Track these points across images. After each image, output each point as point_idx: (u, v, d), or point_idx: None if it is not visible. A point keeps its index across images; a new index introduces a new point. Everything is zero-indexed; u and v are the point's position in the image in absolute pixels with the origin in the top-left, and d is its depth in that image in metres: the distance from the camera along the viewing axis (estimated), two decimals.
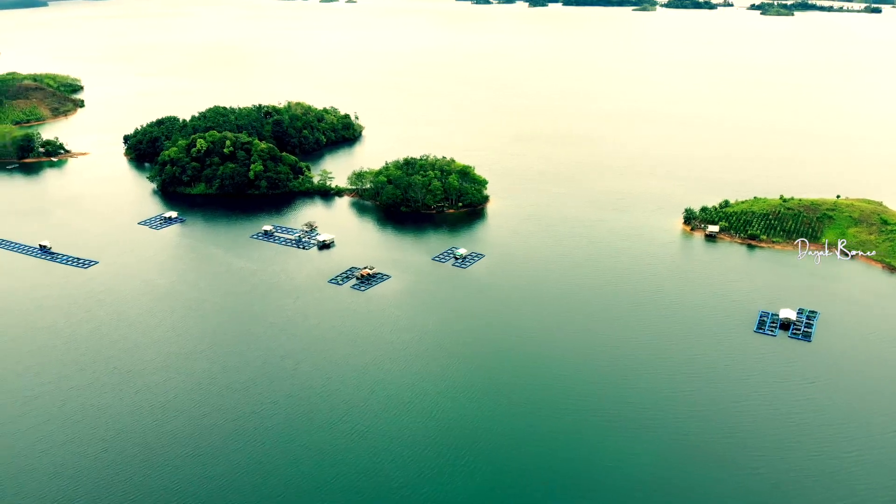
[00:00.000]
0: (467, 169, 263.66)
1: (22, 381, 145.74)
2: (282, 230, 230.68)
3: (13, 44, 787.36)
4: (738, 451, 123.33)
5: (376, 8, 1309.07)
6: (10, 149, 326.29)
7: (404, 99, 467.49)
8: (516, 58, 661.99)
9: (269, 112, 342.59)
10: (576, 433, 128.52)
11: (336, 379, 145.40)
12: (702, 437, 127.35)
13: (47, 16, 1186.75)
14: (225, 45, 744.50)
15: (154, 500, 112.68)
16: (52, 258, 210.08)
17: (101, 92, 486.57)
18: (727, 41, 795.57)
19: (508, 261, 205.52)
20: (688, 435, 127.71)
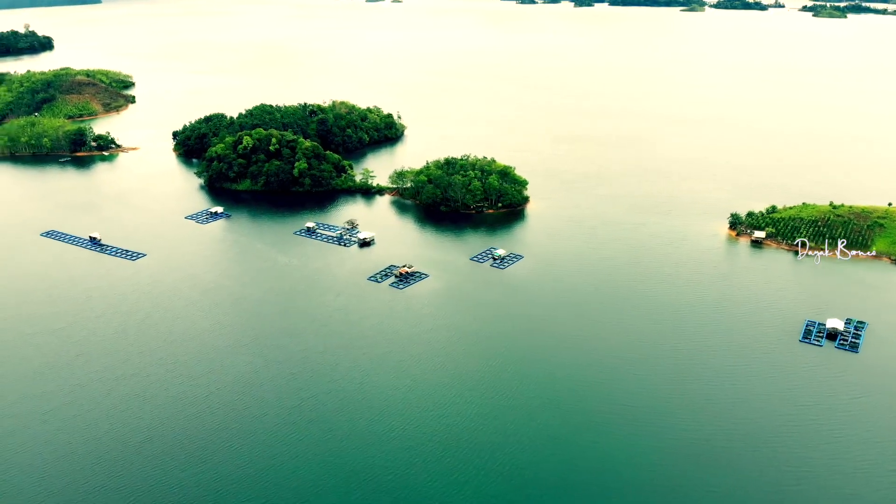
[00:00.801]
0: (508, 169, 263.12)
1: (71, 369, 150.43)
2: (324, 227, 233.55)
3: (68, 39, 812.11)
4: (778, 467, 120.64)
5: (421, 8, 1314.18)
6: (63, 142, 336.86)
7: (448, 99, 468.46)
8: (562, 58, 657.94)
9: (314, 111, 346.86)
10: (611, 439, 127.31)
11: (374, 376, 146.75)
12: (742, 450, 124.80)
13: (101, 13, 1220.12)
14: (273, 44, 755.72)
15: (194, 490, 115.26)
16: (101, 250, 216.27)
17: (152, 88, 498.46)
18: (778, 43, 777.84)
19: (547, 262, 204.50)
20: (727, 448, 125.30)
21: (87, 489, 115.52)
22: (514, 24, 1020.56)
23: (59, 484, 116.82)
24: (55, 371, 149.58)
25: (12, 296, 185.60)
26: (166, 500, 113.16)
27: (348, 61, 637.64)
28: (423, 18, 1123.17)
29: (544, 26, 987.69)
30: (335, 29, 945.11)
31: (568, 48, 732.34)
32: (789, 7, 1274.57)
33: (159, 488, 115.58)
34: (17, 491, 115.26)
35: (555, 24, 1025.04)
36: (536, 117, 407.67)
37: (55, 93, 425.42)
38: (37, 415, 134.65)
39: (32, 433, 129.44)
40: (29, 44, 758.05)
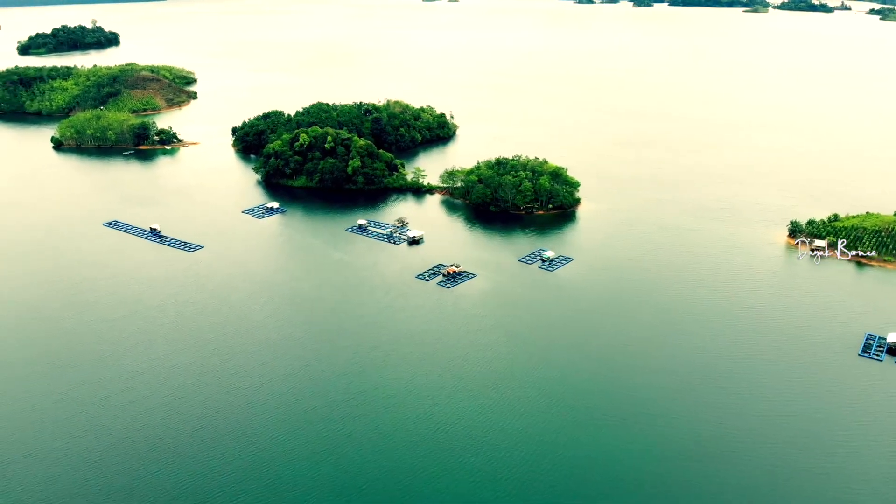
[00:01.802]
0: (560, 170, 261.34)
1: (130, 356, 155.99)
2: (375, 225, 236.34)
3: (133, 35, 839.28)
4: (834, 486, 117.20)
5: (477, 7, 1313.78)
6: (127, 136, 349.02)
7: (502, 98, 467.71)
8: (620, 59, 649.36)
9: (369, 110, 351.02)
10: (659, 452, 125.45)
11: (421, 374, 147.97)
12: (796, 467, 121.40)
13: (166, 10, 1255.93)
14: (332, 43, 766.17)
15: (245, 479, 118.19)
16: (161, 241, 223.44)
17: (213, 85, 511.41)
18: (843, 47, 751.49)
19: (597, 266, 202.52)
20: (781, 465, 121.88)
21: (141, 474, 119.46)
22: (572, 24, 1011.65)
23: (115, 468, 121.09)
24: (114, 358, 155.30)
25: (75, 283, 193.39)
26: (217, 487, 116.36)
27: (404, 61, 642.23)
28: (479, 18, 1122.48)
29: (602, 27, 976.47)
30: (392, 28, 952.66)
31: (626, 49, 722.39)
32: (856, 10, 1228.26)
33: (211, 475, 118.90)
34: (75, 473, 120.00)
35: (613, 24, 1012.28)
36: (592, 119, 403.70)
37: (120, 87, 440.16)
38: (95, 400, 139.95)
39: (91, 418, 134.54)
40: (96, 39, 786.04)
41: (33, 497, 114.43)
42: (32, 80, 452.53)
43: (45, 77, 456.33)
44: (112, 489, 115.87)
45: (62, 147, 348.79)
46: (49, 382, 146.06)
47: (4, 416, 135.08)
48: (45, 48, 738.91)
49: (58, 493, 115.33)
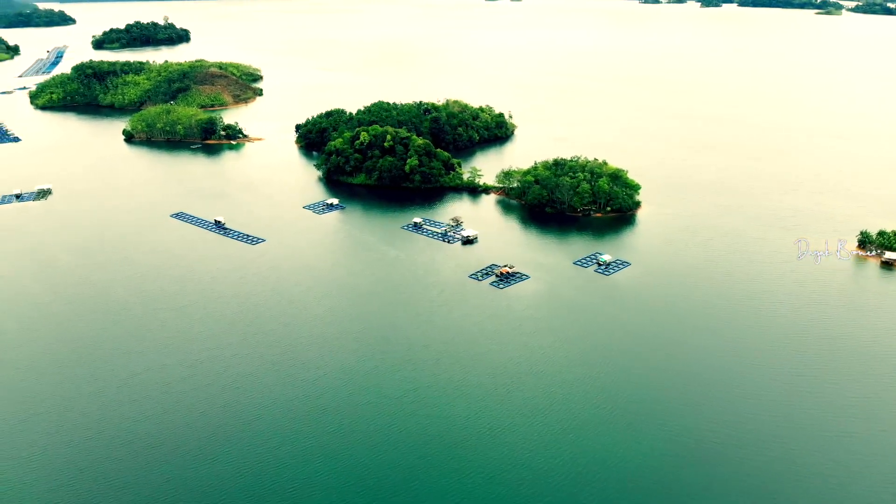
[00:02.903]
0: (620, 172, 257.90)
1: (192, 345, 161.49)
2: (430, 223, 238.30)
3: (203, 32, 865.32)
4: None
5: (540, 7, 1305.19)
6: (195, 130, 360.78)
7: (563, 99, 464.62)
8: (687, 60, 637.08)
9: (429, 109, 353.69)
10: (719, 467, 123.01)
11: (474, 374, 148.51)
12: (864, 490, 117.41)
13: (235, 8, 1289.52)
14: (395, 43, 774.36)
15: (297, 469, 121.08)
16: (224, 233, 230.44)
17: (279, 82, 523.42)
18: None
19: (656, 272, 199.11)
20: (848, 484, 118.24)
21: (201, 459, 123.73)
22: (637, 25, 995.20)
23: (175, 452, 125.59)
24: (177, 346, 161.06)
25: (143, 272, 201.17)
26: (273, 477, 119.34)
27: (465, 60, 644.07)
28: (542, 17, 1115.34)
29: (669, 27, 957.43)
30: (454, 28, 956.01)
31: (694, 50, 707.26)
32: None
33: (268, 462, 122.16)
34: (136, 457, 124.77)
35: (680, 24, 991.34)
36: (656, 121, 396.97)
37: (190, 83, 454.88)
38: (158, 386, 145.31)
39: (154, 403, 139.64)
40: (167, 35, 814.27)
41: (97, 478, 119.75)
42: (106, 74, 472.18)
43: (118, 71, 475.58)
44: (171, 476, 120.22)
45: (133, 140, 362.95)
46: (115, 367, 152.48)
47: (72, 398, 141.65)
48: (118, 43, 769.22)
49: (118, 475, 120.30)
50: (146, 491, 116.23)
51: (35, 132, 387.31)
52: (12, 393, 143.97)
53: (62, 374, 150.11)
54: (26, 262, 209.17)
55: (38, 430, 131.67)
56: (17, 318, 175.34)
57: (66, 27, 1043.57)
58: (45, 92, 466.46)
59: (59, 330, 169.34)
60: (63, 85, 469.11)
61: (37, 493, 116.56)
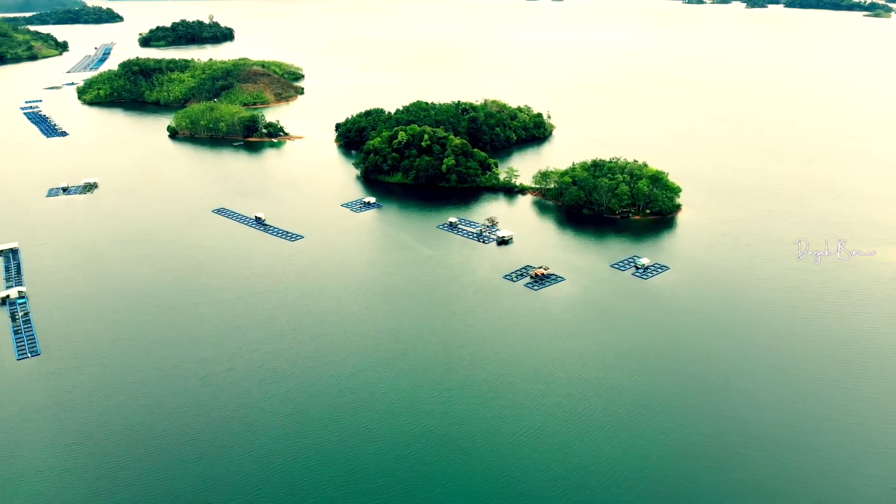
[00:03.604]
0: (660, 175, 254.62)
1: (231, 339, 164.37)
2: (465, 223, 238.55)
3: (247, 31, 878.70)
4: None
5: (581, 6, 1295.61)
6: (237, 128, 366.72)
7: (603, 100, 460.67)
8: (732, 62, 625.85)
9: (466, 109, 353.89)
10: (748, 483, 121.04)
11: (508, 376, 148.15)
12: None
13: (278, 7, 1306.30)
14: (435, 43, 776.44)
15: (334, 468, 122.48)
16: (264, 229, 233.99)
17: (320, 81, 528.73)
18: None
19: (696, 277, 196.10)
20: None
21: (237, 453, 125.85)
22: (681, 25, 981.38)
23: (211, 446, 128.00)
24: (216, 339, 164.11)
25: (185, 266, 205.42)
26: (308, 472, 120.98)
27: (505, 60, 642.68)
28: (583, 17, 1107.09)
29: (713, 28, 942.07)
30: (495, 27, 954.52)
31: (739, 52, 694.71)
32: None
33: (303, 457, 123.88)
34: (171, 449, 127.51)
35: (724, 25, 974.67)
36: (699, 124, 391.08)
37: (233, 81, 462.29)
38: (196, 378, 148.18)
39: (191, 395, 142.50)
40: (212, 34, 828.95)
41: (136, 469, 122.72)
42: (152, 71, 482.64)
43: (163, 69, 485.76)
44: (206, 469, 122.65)
45: (177, 136, 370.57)
46: (155, 359, 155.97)
47: (115, 389, 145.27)
48: (164, 41, 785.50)
49: (157, 467, 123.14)
50: (183, 483, 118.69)
51: (82, 127, 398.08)
52: (56, 382, 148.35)
53: (105, 365, 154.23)
54: (72, 254, 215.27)
55: (81, 419, 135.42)
56: (63, 309, 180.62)
57: (113, 24, 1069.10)
58: (92, 88, 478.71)
59: (103, 321, 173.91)
60: (110, 81, 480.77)
61: (78, 480, 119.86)
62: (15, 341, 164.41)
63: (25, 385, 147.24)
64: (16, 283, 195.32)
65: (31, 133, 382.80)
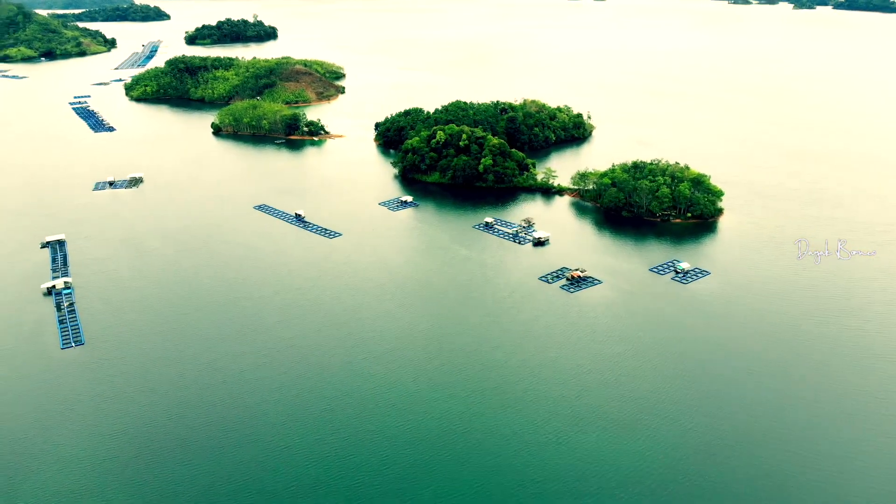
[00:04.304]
0: (702, 178, 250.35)
1: (268, 334, 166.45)
2: (501, 223, 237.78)
3: (290, 30, 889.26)
4: None
5: (624, 7, 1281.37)
6: (279, 126, 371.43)
7: (646, 101, 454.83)
8: (779, 64, 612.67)
9: (505, 108, 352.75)
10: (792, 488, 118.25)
11: (543, 380, 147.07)
12: None
13: (321, 7, 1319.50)
14: (475, 42, 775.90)
15: (367, 461, 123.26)
16: (304, 226, 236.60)
17: (361, 80, 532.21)
18: None
19: (737, 283, 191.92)
20: None
21: (273, 447, 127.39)
22: (726, 26, 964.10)
23: (247, 439, 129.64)
24: (255, 334, 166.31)
25: (226, 261, 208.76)
26: (342, 468, 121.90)
27: (546, 60, 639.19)
28: (627, 17, 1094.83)
29: (759, 29, 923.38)
30: (536, 27, 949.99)
31: (785, 54, 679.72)
32: None
33: (335, 453, 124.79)
34: (208, 441, 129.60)
35: (771, 27, 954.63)
36: (744, 126, 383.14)
37: (276, 79, 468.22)
38: (233, 373, 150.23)
39: (229, 389, 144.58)
40: (256, 32, 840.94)
41: (174, 459, 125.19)
42: (197, 68, 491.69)
43: (208, 66, 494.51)
44: (245, 462, 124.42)
45: (220, 133, 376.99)
46: (195, 352, 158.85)
47: (156, 380, 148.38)
48: (210, 39, 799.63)
49: (195, 458, 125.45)
50: (218, 475, 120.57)
51: (129, 123, 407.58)
52: (99, 372, 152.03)
53: (146, 356, 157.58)
54: (117, 247, 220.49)
55: (121, 409, 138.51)
56: (107, 300, 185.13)
57: (160, 22, 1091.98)
58: (139, 84, 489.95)
59: (145, 313, 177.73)
60: (157, 78, 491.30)
61: (117, 469, 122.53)
62: (60, 331, 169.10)
63: (69, 374, 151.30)
64: (62, 273, 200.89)
65: (80, 128, 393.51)
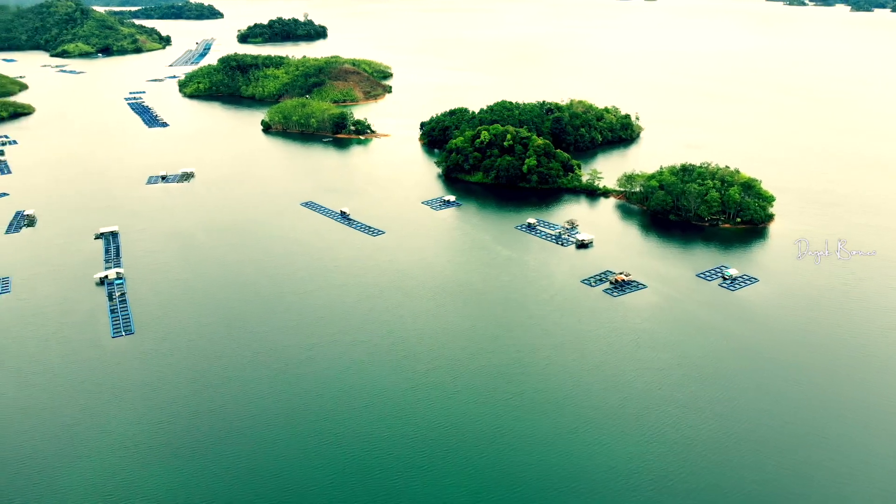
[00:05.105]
0: (753, 182, 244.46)
1: (313, 329, 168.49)
2: (544, 224, 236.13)
3: (340, 29, 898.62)
4: None
5: (676, 7, 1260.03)
6: (327, 124, 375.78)
7: (697, 103, 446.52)
8: (837, 67, 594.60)
9: (551, 109, 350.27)
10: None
11: (584, 386, 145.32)
12: None
13: (371, 6, 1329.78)
14: (523, 42, 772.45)
15: (408, 460, 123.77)
16: (349, 224, 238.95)
17: (408, 80, 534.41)
18: None
19: (788, 291, 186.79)
20: None
21: (313, 440, 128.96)
22: (781, 28, 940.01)
23: (288, 433, 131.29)
24: (298, 329, 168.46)
25: (272, 256, 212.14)
26: (378, 456, 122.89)
27: (594, 61, 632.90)
28: (678, 18, 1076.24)
29: (816, 31, 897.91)
30: (585, 27, 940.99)
31: (843, 57, 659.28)
32: None
33: (378, 447, 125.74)
34: (251, 433, 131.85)
35: (828, 29, 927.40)
36: (798, 131, 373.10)
37: (324, 78, 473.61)
38: (277, 367, 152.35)
39: (272, 383, 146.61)
40: (306, 31, 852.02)
41: (216, 450, 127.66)
42: (249, 66, 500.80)
43: (259, 65, 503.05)
44: (283, 453, 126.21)
45: (270, 130, 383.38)
46: (240, 345, 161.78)
47: (202, 371, 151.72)
48: (261, 38, 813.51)
49: (237, 450, 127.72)
50: (261, 467, 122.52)
51: (182, 119, 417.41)
52: (147, 361, 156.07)
53: (193, 348, 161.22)
54: (168, 240, 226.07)
55: (168, 399, 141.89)
56: (156, 291, 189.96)
57: (214, 21, 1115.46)
58: (192, 81, 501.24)
59: (193, 305, 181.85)
60: (209, 75, 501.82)
61: (163, 458, 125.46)
62: (111, 320, 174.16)
63: (118, 362, 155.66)
64: (115, 264, 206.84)
65: (134, 123, 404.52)
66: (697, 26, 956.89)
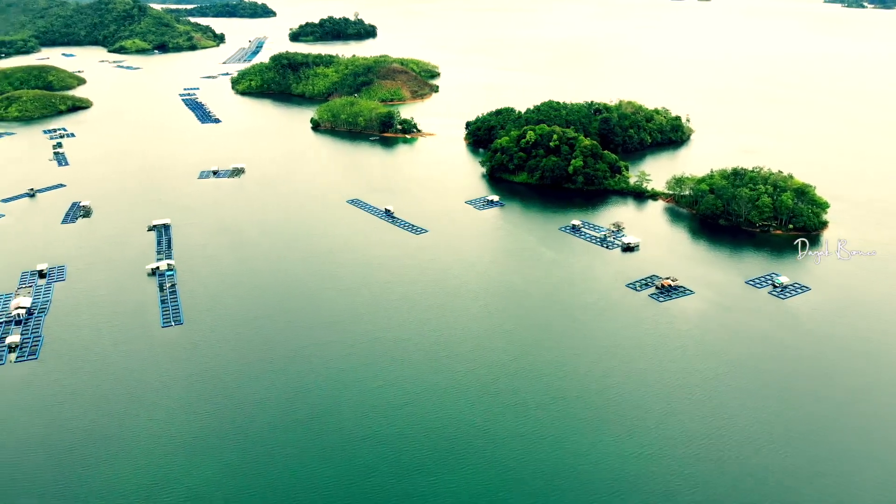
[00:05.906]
0: (806, 188, 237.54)
1: (355, 325, 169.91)
2: (589, 226, 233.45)
3: (390, 29, 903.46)
4: None
5: (730, 7, 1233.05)
6: (374, 123, 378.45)
7: (751, 106, 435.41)
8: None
9: (599, 109, 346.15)
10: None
11: (627, 392, 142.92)
12: None
13: (422, 6, 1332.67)
14: (572, 42, 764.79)
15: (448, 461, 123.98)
16: (392, 222, 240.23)
17: (454, 80, 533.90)
18: None
19: (840, 301, 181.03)
20: None
21: (354, 436, 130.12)
22: (840, 30, 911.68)
23: (329, 428, 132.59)
24: (341, 325, 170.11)
25: (319, 252, 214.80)
26: (416, 456, 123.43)
27: (645, 61, 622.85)
28: (733, 18, 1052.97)
29: (876, 34, 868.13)
30: (636, 28, 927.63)
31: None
32: None
33: (417, 446, 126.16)
34: (294, 427, 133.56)
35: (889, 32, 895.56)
36: (855, 136, 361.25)
37: (373, 77, 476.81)
38: (320, 362, 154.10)
39: (315, 378, 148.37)
40: (356, 30, 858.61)
41: (258, 444, 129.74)
42: (299, 65, 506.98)
43: (310, 63, 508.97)
44: (324, 448, 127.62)
45: (319, 128, 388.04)
46: (285, 339, 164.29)
47: (246, 363, 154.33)
48: (312, 36, 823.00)
49: (279, 444, 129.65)
50: (302, 460, 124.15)
51: (234, 115, 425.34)
52: (195, 352, 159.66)
53: (240, 339, 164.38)
54: (217, 234, 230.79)
55: (214, 391, 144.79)
56: (206, 284, 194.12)
57: (267, 19, 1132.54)
58: (244, 79, 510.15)
59: (240, 297, 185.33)
60: (261, 73, 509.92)
61: (207, 448, 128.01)
62: (161, 310, 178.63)
63: (167, 352, 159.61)
64: (166, 256, 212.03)
65: (188, 118, 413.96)
66: (753, 27, 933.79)
